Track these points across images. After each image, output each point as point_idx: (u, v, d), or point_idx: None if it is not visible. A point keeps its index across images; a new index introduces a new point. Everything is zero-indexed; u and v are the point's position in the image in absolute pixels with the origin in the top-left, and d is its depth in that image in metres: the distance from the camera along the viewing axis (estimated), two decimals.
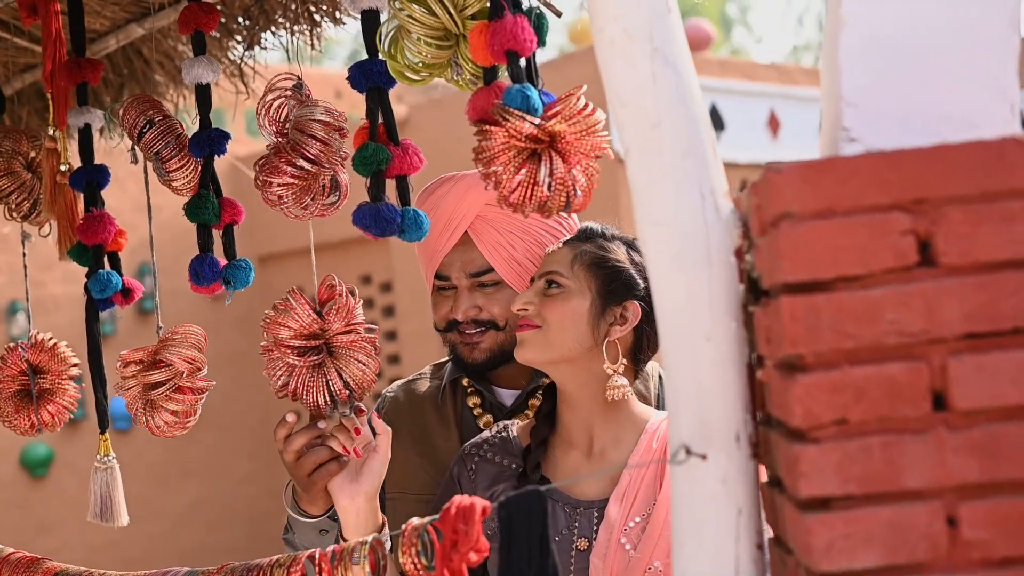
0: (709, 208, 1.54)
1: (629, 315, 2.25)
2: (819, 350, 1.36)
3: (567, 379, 2.28)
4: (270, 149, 2.18)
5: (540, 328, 2.25)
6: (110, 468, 2.61)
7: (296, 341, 2.14)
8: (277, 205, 2.17)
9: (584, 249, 2.29)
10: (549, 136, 1.77)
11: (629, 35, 1.56)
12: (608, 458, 2.27)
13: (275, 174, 2.12)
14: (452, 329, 2.56)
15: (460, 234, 2.50)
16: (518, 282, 2.49)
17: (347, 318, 2.16)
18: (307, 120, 2.13)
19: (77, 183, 2.60)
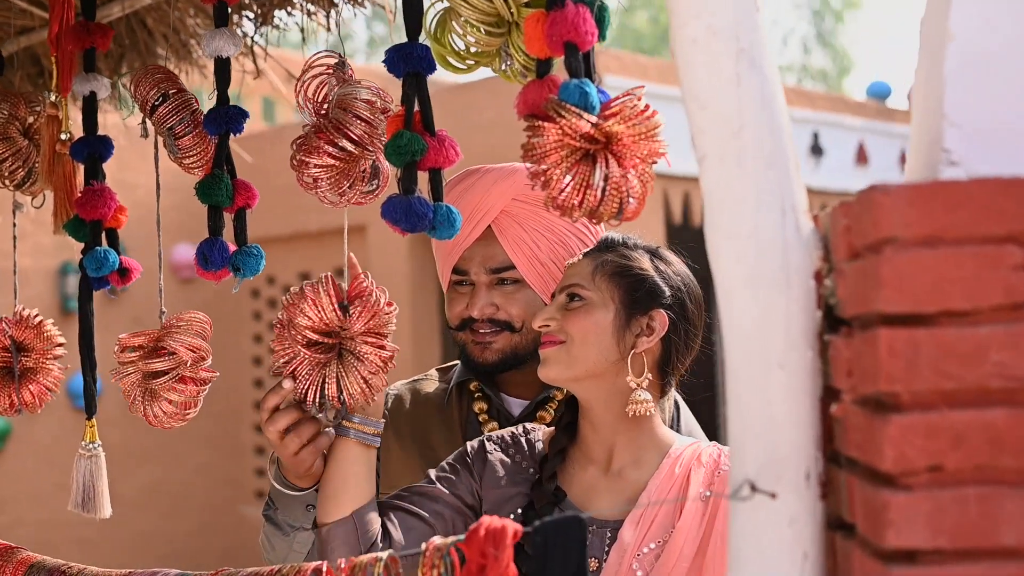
0: (790, 226, 1.43)
1: (656, 325, 2.14)
2: (917, 389, 1.25)
3: (591, 395, 2.17)
4: (308, 129, 2.05)
5: (564, 344, 2.14)
6: (95, 456, 2.48)
7: (311, 333, 2.01)
8: (312, 188, 2.04)
9: (605, 259, 2.18)
10: (605, 137, 1.66)
11: (713, 33, 1.44)
12: (626, 478, 2.17)
13: (314, 154, 1.99)
14: (465, 328, 2.46)
15: (483, 228, 2.41)
16: (539, 283, 2.40)
17: (370, 324, 2.02)
18: (352, 99, 2.00)
19: (78, 154, 2.47)
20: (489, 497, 2.19)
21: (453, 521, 2.18)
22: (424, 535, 2.12)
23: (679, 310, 2.17)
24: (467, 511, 2.19)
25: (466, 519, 2.19)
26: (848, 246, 1.37)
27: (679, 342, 2.18)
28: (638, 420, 2.16)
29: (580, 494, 2.18)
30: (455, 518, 2.18)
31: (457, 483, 2.20)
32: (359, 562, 1.74)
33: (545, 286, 2.41)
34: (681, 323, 2.17)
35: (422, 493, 2.19)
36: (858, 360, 1.32)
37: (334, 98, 2.07)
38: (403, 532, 2.14)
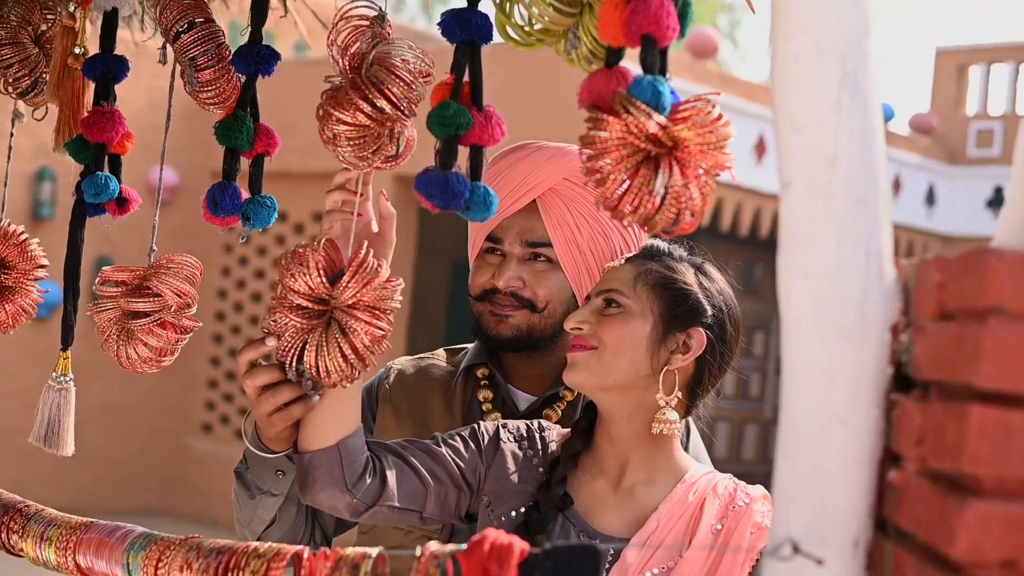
0: (873, 271, 1.31)
1: (693, 343, 2.04)
2: (1003, 475, 1.14)
3: (614, 407, 2.07)
4: (341, 82, 1.91)
5: (595, 349, 2.03)
6: (65, 390, 2.34)
7: (300, 300, 1.87)
8: (331, 143, 1.90)
9: (649, 268, 2.08)
10: (672, 141, 1.54)
11: (819, 52, 1.33)
12: (637, 497, 2.08)
13: (345, 108, 1.84)
14: (486, 298, 2.36)
15: (528, 200, 2.32)
16: (571, 268, 2.30)
17: (362, 298, 1.84)
18: (394, 57, 1.87)
19: (91, 71, 2.32)
20: (494, 488, 2.09)
21: (447, 491, 2.08)
22: (416, 494, 2.05)
23: (718, 331, 2.07)
24: (464, 486, 2.09)
25: (460, 493, 2.09)
26: (938, 304, 1.25)
27: (713, 364, 2.08)
28: (658, 439, 2.07)
29: (587, 504, 2.09)
30: (449, 489, 2.08)
31: (463, 456, 2.10)
32: (345, 555, 1.62)
33: (577, 273, 2.31)
34: (719, 345, 2.07)
35: (427, 451, 2.09)
36: (935, 431, 1.21)
37: (373, 54, 1.93)
38: (397, 482, 2.04)
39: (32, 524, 2.05)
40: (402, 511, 2.06)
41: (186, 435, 12.44)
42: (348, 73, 1.89)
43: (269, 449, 2.08)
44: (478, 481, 2.10)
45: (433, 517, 2.10)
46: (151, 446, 12.31)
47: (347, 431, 1.99)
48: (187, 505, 12.17)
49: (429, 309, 12.47)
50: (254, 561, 1.68)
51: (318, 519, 2.37)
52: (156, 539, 1.85)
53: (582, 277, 2.32)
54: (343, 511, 2.04)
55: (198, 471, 12.16)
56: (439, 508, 2.08)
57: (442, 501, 2.08)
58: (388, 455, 2.06)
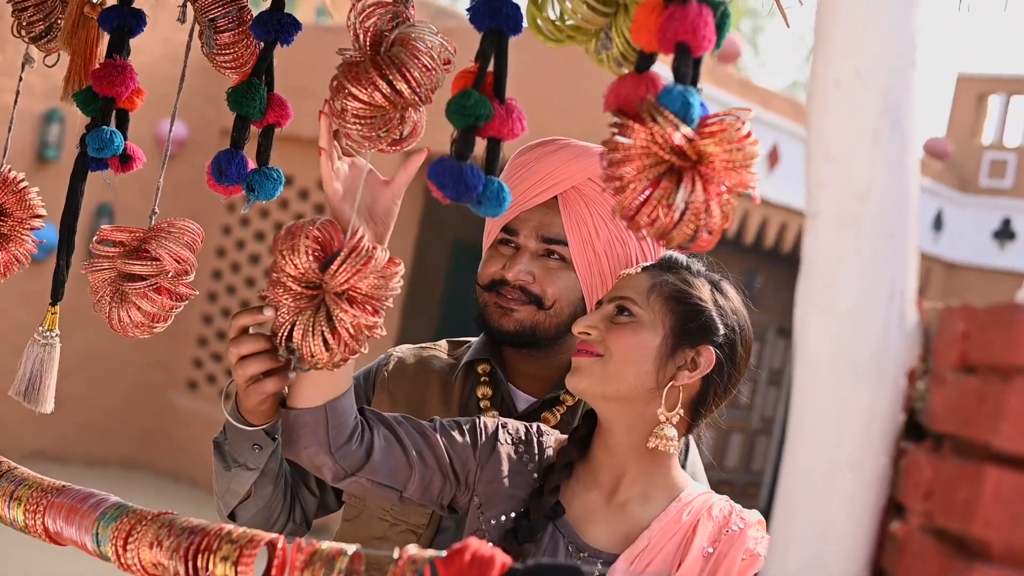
0: (895, 313, 1.26)
1: (701, 361, 2.00)
2: (1014, 542, 1.09)
3: (614, 418, 2.03)
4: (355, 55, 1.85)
5: (601, 357, 1.98)
6: (50, 345, 2.29)
7: (291, 282, 1.81)
8: (338, 117, 1.84)
9: (665, 279, 2.03)
10: (697, 155, 1.49)
11: (861, 80, 1.27)
12: (629, 512, 2.03)
13: (363, 85, 1.78)
14: (493, 289, 2.32)
15: (549, 196, 2.28)
16: (584, 269, 2.27)
17: (355, 285, 1.77)
18: (417, 40, 1.81)
19: (106, 22, 2.27)
20: (486, 490, 2.05)
21: (432, 476, 2.04)
22: (399, 472, 2.01)
23: (728, 351, 2.03)
24: (451, 475, 2.05)
25: (446, 482, 2.05)
26: (961, 355, 1.20)
27: (720, 385, 2.04)
28: (655, 455, 2.03)
29: (578, 515, 2.04)
30: (435, 475, 2.04)
31: (456, 445, 2.06)
32: (320, 549, 1.57)
33: (589, 275, 2.27)
34: (727, 365, 2.03)
35: (421, 432, 2.05)
36: (945, 487, 1.16)
37: (396, 34, 1.88)
38: (381, 455, 2.00)
39: (2, 482, 2.00)
40: (382, 486, 2.02)
41: (171, 391, 12.39)
42: (367, 50, 1.84)
43: (248, 422, 2.04)
44: (466, 474, 2.06)
45: (414, 499, 2.05)
46: (134, 398, 12.25)
47: (335, 392, 1.96)
48: (166, 461, 12.12)
49: (426, 287, 12.42)
50: (226, 546, 1.63)
51: (299, 498, 2.33)
52: (128, 511, 1.80)
53: (594, 280, 2.27)
54: (324, 473, 2.01)
55: (180, 427, 12.11)
56: (421, 491, 2.04)
57: (426, 485, 2.03)
58: (381, 427, 2.03)
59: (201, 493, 11.20)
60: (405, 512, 2.33)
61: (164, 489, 11.50)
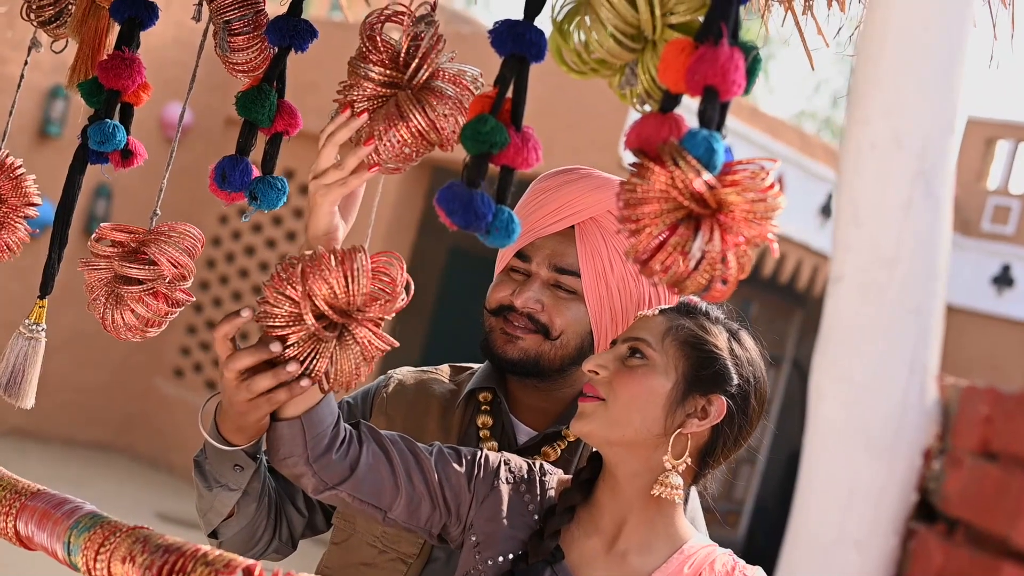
0: (915, 387, 1.21)
1: (712, 410, 1.94)
2: None
3: (619, 463, 1.97)
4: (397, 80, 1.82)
5: (604, 402, 1.93)
6: (35, 339, 2.24)
7: (325, 306, 1.77)
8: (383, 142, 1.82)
9: (681, 324, 1.98)
10: (717, 203, 1.44)
11: (897, 142, 1.22)
12: (629, 562, 1.97)
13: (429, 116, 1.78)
14: (500, 314, 2.26)
15: (566, 225, 2.23)
16: (595, 303, 2.21)
17: (383, 311, 1.80)
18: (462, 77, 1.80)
19: (118, 13, 2.22)
20: (484, 528, 1.99)
21: (421, 501, 1.99)
22: (382, 492, 1.96)
23: (741, 402, 1.97)
24: (441, 504, 1.99)
25: (435, 510, 1.99)
26: (982, 440, 1.15)
27: (730, 436, 1.98)
28: (660, 503, 1.97)
29: (577, 561, 1.98)
30: (424, 500, 1.98)
31: (451, 474, 2.01)
32: None
33: (600, 309, 2.21)
34: (739, 416, 1.97)
35: (414, 454, 2.00)
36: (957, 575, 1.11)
37: (449, 71, 1.85)
38: (367, 471, 1.96)
39: None
40: (365, 503, 1.97)
41: (156, 376, 12.32)
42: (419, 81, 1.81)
43: (228, 442, 1.99)
44: (458, 505, 2.00)
45: (399, 521, 2.00)
46: (118, 381, 12.18)
47: (311, 402, 1.91)
48: (146, 446, 12.05)
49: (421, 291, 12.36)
50: (201, 568, 1.57)
51: (285, 515, 2.27)
52: (103, 521, 1.74)
53: (604, 314, 2.22)
54: (304, 484, 1.96)
55: (163, 413, 12.04)
56: (407, 514, 1.98)
57: (413, 508, 1.98)
58: (372, 443, 1.98)
59: (179, 481, 11.12)
60: (396, 540, 2.27)
61: (142, 475, 11.43)
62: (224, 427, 1.98)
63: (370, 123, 1.82)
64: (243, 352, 1.87)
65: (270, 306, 1.81)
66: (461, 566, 2.00)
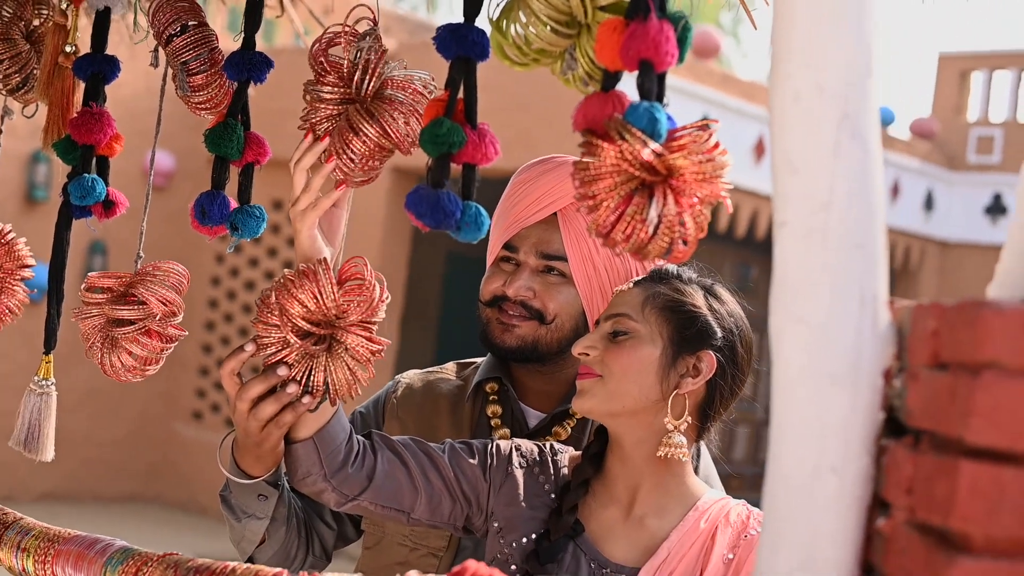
0: (867, 317, 1.29)
1: (703, 367, 2.02)
2: (993, 534, 1.11)
3: (624, 433, 2.05)
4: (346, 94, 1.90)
5: (601, 378, 2.01)
6: (46, 394, 2.31)
7: (304, 323, 1.87)
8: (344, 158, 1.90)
9: (658, 291, 2.05)
10: (667, 170, 1.51)
11: (820, 92, 1.30)
12: (647, 526, 2.05)
13: (383, 126, 1.86)
14: (495, 305, 2.35)
15: (549, 213, 2.31)
16: (584, 285, 2.29)
17: (366, 314, 1.89)
18: (409, 82, 1.87)
19: (81, 70, 2.29)
20: (504, 513, 2.07)
21: (441, 498, 2.07)
22: (402, 495, 2.05)
23: (729, 353, 2.05)
24: (460, 498, 2.08)
25: (455, 503, 2.08)
26: (933, 353, 1.23)
27: (725, 387, 2.06)
28: (668, 464, 2.05)
29: (598, 532, 2.07)
30: (443, 497, 2.07)
31: (466, 467, 2.09)
32: None
33: (590, 290, 2.29)
34: (729, 367, 2.05)
35: (428, 454, 2.09)
36: (925, 482, 1.19)
37: (396, 78, 1.93)
38: (384, 478, 2.04)
39: (9, 533, 2.02)
40: (387, 508, 2.05)
41: (175, 422, 12.39)
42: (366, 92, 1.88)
43: (248, 475, 2.07)
44: (477, 496, 2.08)
45: (423, 520, 2.08)
46: (139, 432, 12.26)
47: (322, 421, 2.01)
48: (174, 493, 12.13)
49: (424, 300, 12.44)
50: None
51: (315, 532, 2.35)
52: (134, 554, 1.83)
53: (594, 294, 2.30)
54: (326, 499, 2.05)
55: (186, 458, 12.12)
56: (429, 512, 2.07)
57: (434, 506, 2.06)
58: (386, 451, 2.06)
59: (212, 522, 11.20)
60: (425, 536, 2.35)
61: (175, 521, 11.51)
62: (243, 461, 2.07)
63: (330, 142, 1.91)
64: (251, 382, 1.97)
65: (261, 337, 1.91)
66: (488, 552, 2.08)
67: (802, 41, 1.31)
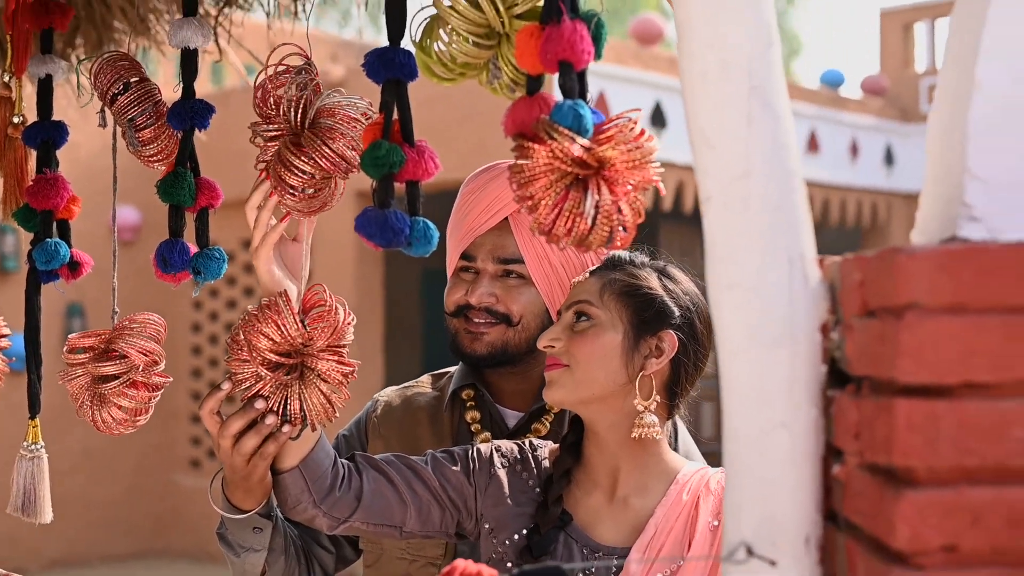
0: (797, 276, 1.36)
1: (665, 346, 2.08)
2: (934, 465, 1.18)
3: (596, 419, 2.11)
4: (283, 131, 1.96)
5: (568, 367, 2.07)
6: (37, 458, 2.37)
7: (272, 355, 1.94)
8: (284, 193, 1.96)
9: (613, 277, 2.12)
10: (598, 162, 1.58)
11: (725, 69, 1.37)
12: (631, 506, 2.12)
13: (312, 159, 1.91)
14: (460, 315, 2.40)
15: (500, 218, 2.36)
16: (544, 283, 2.35)
17: (331, 338, 1.95)
18: (340, 108, 1.93)
19: (31, 139, 2.36)
20: (493, 514, 2.13)
21: (429, 508, 2.13)
22: (392, 512, 2.11)
23: (689, 331, 2.11)
24: (448, 505, 2.14)
25: (444, 511, 2.14)
26: (861, 302, 1.30)
27: (688, 363, 2.12)
28: (644, 444, 2.11)
29: (585, 518, 2.13)
30: (432, 507, 2.13)
31: (450, 475, 2.15)
32: None
33: (550, 288, 2.35)
34: (691, 344, 2.11)
35: (411, 468, 2.14)
36: (869, 425, 1.25)
37: (323, 104, 1.98)
38: (372, 497, 2.10)
39: None
40: (379, 526, 2.11)
41: (173, 472, 12.41)
42: (295, 122, 1.94)
43: (240, 510, 2.13)
44: (464, 501, 2.14)
45: (415, 532, 2.14)
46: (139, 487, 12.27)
47: (306, 449, 2.07)
48: (181, 543, 12.15)
49: (404, 318, 12.49)
50: None
51: (314, 558, 2.41)
52: None
53: (554, 291, 2.35)
54: (319, 525, 2.11)
55: (189, 507, 12.14)
56: (421, 523, 2.13)
57: (425, 517, 2.12)
58: (370, 470, 2.12)
59: (221, 569, 11.17)
60: (422, 547, 2.41)
61: (186, 572, 11.54)
62: (234, 496, 2.13)
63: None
64: (231, 418, 2.03)
65: (235, 374, 1.98)
66: (483, 554, 2.14)
67: (703, 22, 1.38)
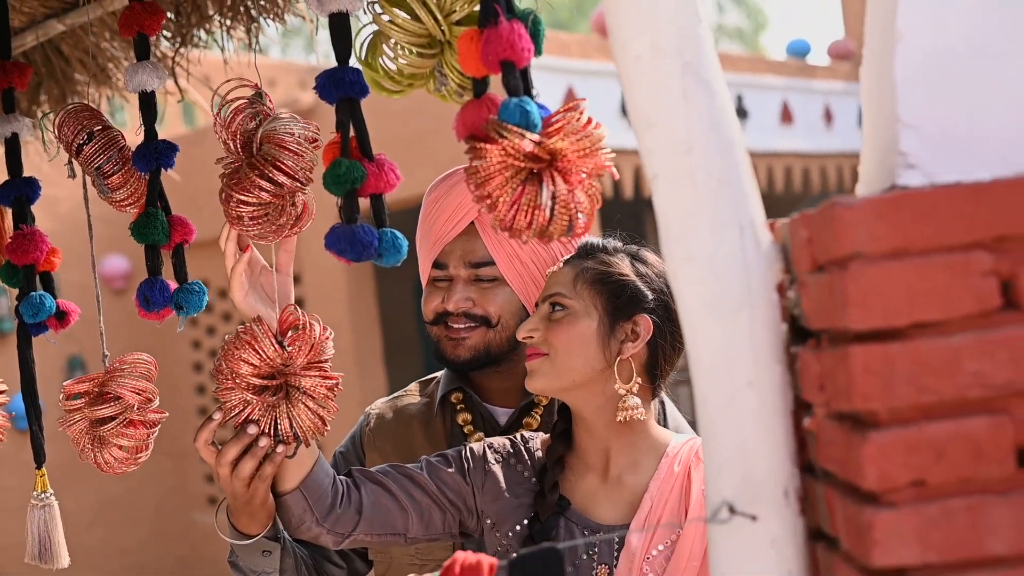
0: (749, 242, 1.40)
1: (640, 330, 2.13)
2: (894, 406, 1.23)
3: (581, 404, 2.16)
4: (236, 163, 2.00)
5: (547, 356, 2.12)
6: (48, 506, 2.42)
7: (256, 380, 1.99)
8: (238, 224, 1.99)
9: (586, 266, 2.16)
10: (549, 155, 1.62)
11: (657, 50, 1.41)
12: (625, 483, 2.16)
13: (247, 189, 1.94)
14: (440, 322, 2.44)
15: (466, 223, 2.39)
16: (517, 281, 2.39)
17: (311, 355, 2.00)
18: (281, 132, 1.96)
19: (4, 198, 2.40)
20: (492, 509, 2.18)
21: (430, 513, 2.18)
22: (394, 520, 2.15)
23: (663, 312, 2.15)
24: (448, 506, 2.19)
25: (445, 513, 2.19)
26: (811, 259, 1.34)
27: (665, 344, 2.16)
28: (631, 424, 2.15)
29: (582, 501, 2.18)
30: (433, 510, 2.18)
31: (446, 477, 2.19)
32: None
33: (524, 286, 2.39)
34: (666, 325, 2.15)
35: (408, 476, 2.19)
36: (830, 376, 1.30)
37: (261, 132, 2.02)
38: (372, 509, 2.15)
39: None
40: (382, 536, 2.16)
41: (192, 512, 12.44)
42: (240, 153, 1.97)
43: (247, 535, 2.17)
44: (463, 500, 2.18)
45: (419, 537, 2.19)
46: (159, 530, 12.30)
47: (305, 468, 2.12)
48: None
49: (401, 332, 12.52)
50: None
51: (326, 574, 2.45)
52: None
53: (528, 288, 2.39)
54: (324, 542, 2.16)
55: (211, 545, 12.16)
56: (424, 528, 2.17)
57: (426, 521, 2.17)
58: (368, 483, 2.17)
59: None
60: (429, 550, 2.45)
61: None
62: (239, 522, 2.17)
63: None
64: (226, 446, 2.08)
65: (224, 402, 2.03)
66: (488, 549, 2.18)
67: (631, 8, 1.42)
